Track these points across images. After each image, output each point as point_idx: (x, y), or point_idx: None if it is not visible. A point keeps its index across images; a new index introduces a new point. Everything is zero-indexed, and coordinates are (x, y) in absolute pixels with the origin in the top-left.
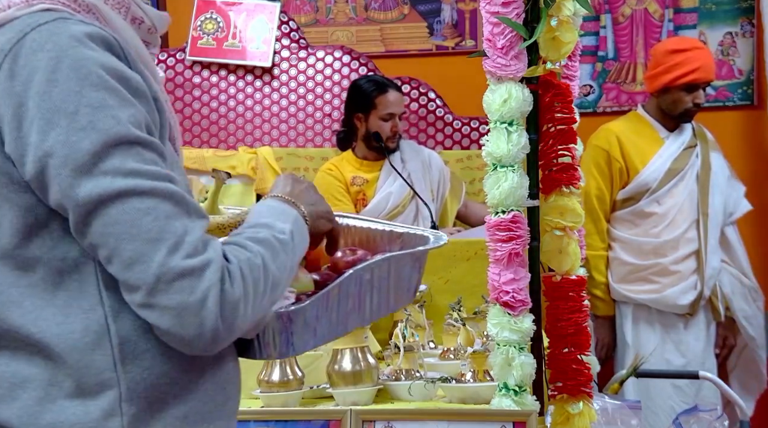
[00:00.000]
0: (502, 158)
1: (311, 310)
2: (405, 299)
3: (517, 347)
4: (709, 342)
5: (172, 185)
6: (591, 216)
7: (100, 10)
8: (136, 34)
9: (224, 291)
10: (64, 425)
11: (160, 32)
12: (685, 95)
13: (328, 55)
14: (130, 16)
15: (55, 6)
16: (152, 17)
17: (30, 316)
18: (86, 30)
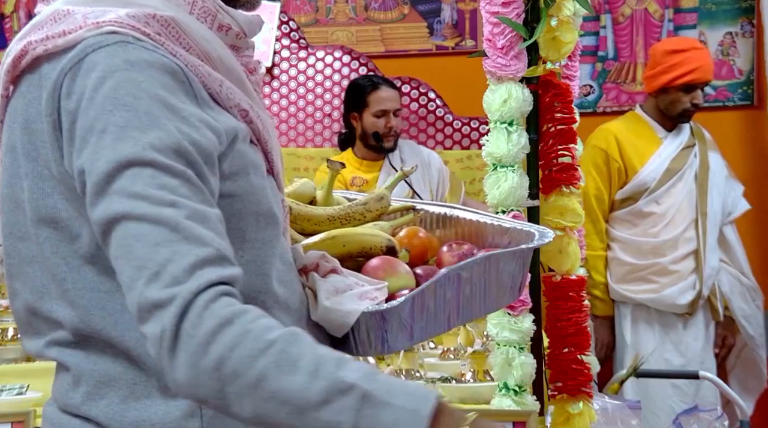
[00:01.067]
0: (502, 158)
1: (405, 309)
2: (508, 297)
3: (517, 347)
4: (708, 341)
5: (174, 210)
6: (590, 216)
7: (180, 23)
8: (221, 43)
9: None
10: (146, 423)
11: (251, 36)
12: (683, 95)
13: (328, 55)
14: (217, 24)
15: (122, 29)
16: (241, 22)
17: (110, 319)
18: (145, 56)
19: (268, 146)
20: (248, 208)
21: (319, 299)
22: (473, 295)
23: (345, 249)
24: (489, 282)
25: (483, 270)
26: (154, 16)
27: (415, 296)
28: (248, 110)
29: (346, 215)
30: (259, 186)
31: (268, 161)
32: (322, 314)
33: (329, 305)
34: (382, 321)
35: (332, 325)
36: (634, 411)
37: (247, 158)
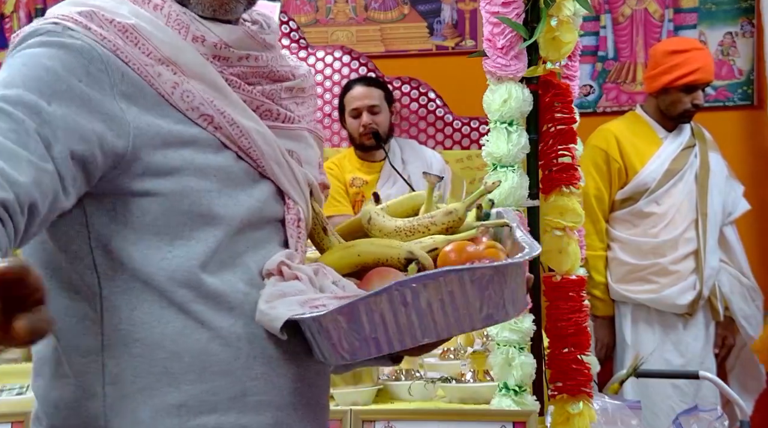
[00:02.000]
0: (502, 158)
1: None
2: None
3: (517, 347)
4: (708, 341)
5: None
6: (590, 217)
7: (140, 30)
8: (196, 52)
9: None
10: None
11: (239, 47)
12: (684, 96)
13: (328, 55)
14: (191, 35)
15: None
16: (218, 34)
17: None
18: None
19: (252, 152)
20: (177, 208)
21: (259, 301)
22: (436, 311)
23: (360, 259)
24: (457, 300)
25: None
26: (111, 21)
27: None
28: (213, 116)
29: (411, 228)
30: (198, 189)
31: (259, 167)
32: (258, 317)
33: (263, 309)
34: (321, 328)
35: (266, 327)
36: (634, 411)
37: (188, 161)
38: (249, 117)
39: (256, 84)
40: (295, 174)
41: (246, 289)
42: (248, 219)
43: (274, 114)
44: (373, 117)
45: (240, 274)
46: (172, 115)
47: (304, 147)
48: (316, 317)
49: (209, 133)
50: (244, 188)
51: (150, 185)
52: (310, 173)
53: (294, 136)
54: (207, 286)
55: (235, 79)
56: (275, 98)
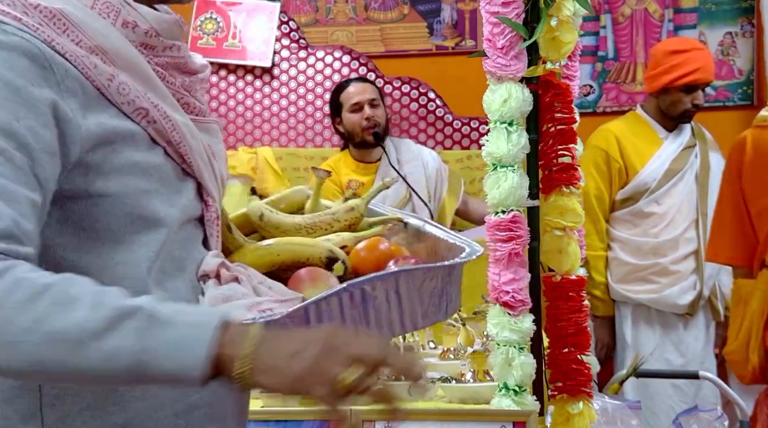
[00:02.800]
0: (502, 158)
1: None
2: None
3: (517, 347)
4: (709, 341)
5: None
6: (590, 216)
7: (68, 15)
8: (126, 40)
9: None
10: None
11: (167, 35)
12: (684, 96)
13: (328, 55)
14: (121, 20)
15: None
16: (150, 20)
17: None
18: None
19: (182, 148)
20: (121, 209)
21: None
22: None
23: (279, 258)
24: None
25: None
26: (36, 6)
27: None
28: (149, 109)
29: (312, 225)
30: (141, 189)
31: (186, 164)
32: None
33: None
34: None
35: None
36: (634, 411)
37: (127, 160)
38: (178, 111)
39: (177, 76)
40: (215, 170)
41: (189, 296)
42: (182, 220)
43: (191, 107)
44: (374, 110)
45: (181, 280)
46: (109, 110)
47: (216, 141)
48: (266, 322)
49: (142, 128)
50: (175, 187)
51: (92, 186)
52: (222, 167)
53: (208, 129)
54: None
55: (161, 70)
56: (191, 91)
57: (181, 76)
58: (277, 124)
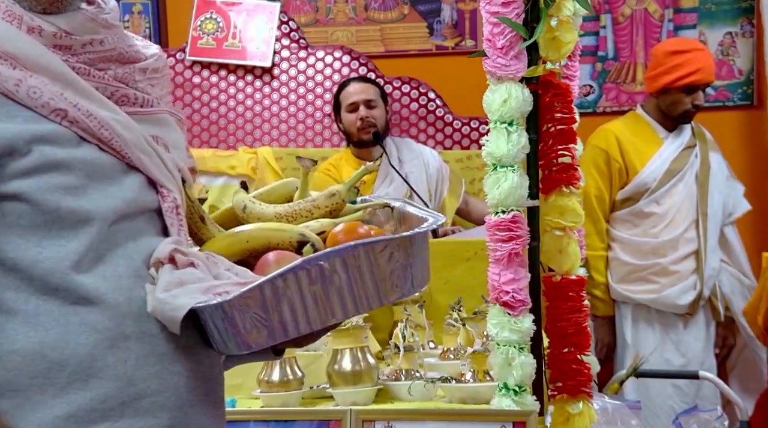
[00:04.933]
0: (502, 158)
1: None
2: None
3: (517, 347)
4: (709, 341)
5: None
6: (590, 216)
7: None
8: (36, 44)
9: None
10: None
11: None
12: (684, 97)
13: (328, 55)
14: (25, 26)
15: None
16: (56, 22)
17: None
18: None
19: (114, 143)
20: (45, 206)
21: (155, 291)
22: (347, 288)
23: (249, 245)
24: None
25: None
26: None
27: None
28: (67, 110)
29: (293, 213)
30: (62, 186)
31: (124, 158)
32: (154, 307)
33: (162, 298)
34: (225, 316)
35: (163, 318)
36: (634, 411)
37: (50, 158)
38: (105, 106)
39: (107, 69)
40: (164, 161)
41: (130, 283)
42: (123, 211)
43: (131, 99)
44: (370, 111)
45: (123, 268)
46: (21, 114)
47: (169, 131)
48: (221, 303)
49: (65, 127)
50: (113, 181)
51: (12, 187)
52: (179, 157)
53: (156, 120)
54: (86, 287)
55: (83, 67)
56: (129, 82)
57: (116, 68)
58: (277, 124)
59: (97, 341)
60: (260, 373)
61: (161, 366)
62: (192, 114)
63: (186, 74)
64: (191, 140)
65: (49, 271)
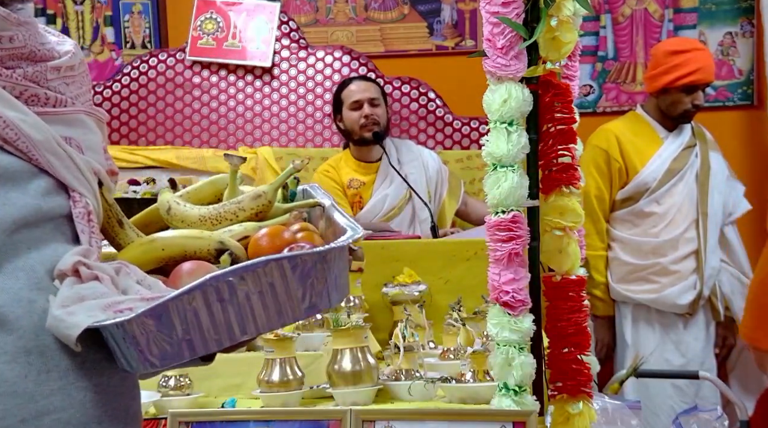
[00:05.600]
0: (502, 158)
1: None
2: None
3: (517, 347)
4: (709, 341)
5: None
6: (590, 216)
7: None
8: None
9: None
10: None
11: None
12: (684, 96)
13: (328, 55)
14: None
15: None
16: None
17: None
18: None
19: (20, 144)
20: None
21: (51, 307)
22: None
23: (165, 253)
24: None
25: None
26: None
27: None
28: None
29: (217, 215)
30: None
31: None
32: (50, 323)
33: (58, 315)
34: (126, 335)
35: (60, 336)
36: (634, 411)
37: None
38: (11, 106)
39: (16, 67)
40: (77, 163)
41: (32, 296)
42: (24, 219)
43: (41, 99)
44: (373, 109)
45: (24, 279)
46: None
47: (84, 132)
48: (120, 322)
49: None
50: (16, 185)
51: None
52: (95, 160)
53: (69, 121)
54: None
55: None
56: (40, 81)
57: (26, 67)
58: (277, 124)
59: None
60: (260, 373)
61: (65, 381)
62: (192, 114)
63: (186, 74)
64: (191, 139)
65: None
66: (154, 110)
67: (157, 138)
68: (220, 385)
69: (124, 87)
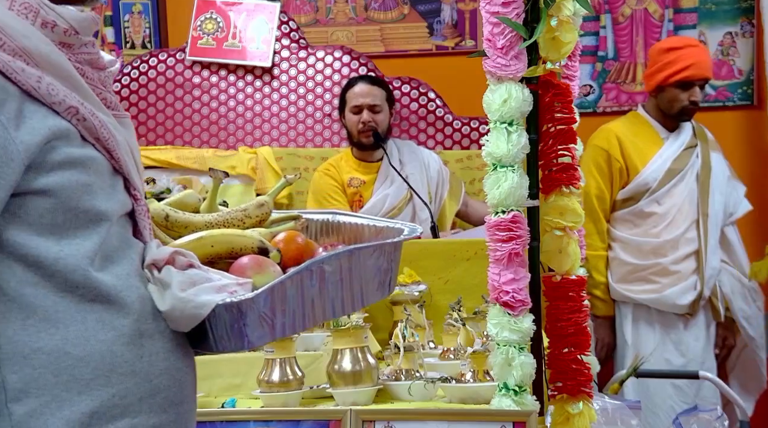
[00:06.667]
0: (502, 158)
1: (261, 301)
2: (377, 294)
3: (517, 347)
4: (709, 342)
5: None
6: (591, 216)
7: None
8: (47, 40)
9: None
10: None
11: (85, 33)
12: (680, 93)
13: (328, 55)
14: (40, 20)
15: None
16: (68, 19)
17: None
18: None
19: (109, 144)
20: (65, 204)
21: (171, 289)
22: (338, 290)
23: (213, 250)
24: (354, 277)
25: (348, 264)
26: None
27: (274, 287)
28: (78, 108)
29: (224, 222)
30: (80, 183)
31: (114, 160)
32: (174, 305)
33: (183, 296)
34: (239, 314)
35: (182, 316)
36: (634, 411)
37: (65, 156)
38: (100, 107)
39: (95, 71)
40: (138, 165)
41: (137, 282)
42: (119, 213)
43: (109, 102)
44: (373, 116)
45: (129, 267)
46: (41, 110)
47: (131, 135)
48: (239, 302)
49: (73, 125)
50: (110, 182)
51: (35, 183)
52: (139, 161)
53: (125, 124)
54: (105, 284)
55: (80, 67)
56: (107, 86)
57: (95, 72)
58: (277, 124)
59: (115, 337)
60: (260, 373)
61: (169, 362)
62: (192, 114)
63: (186, 74)
64: (191, 139)
65: (70, 269)
66: (154, 110)
67: (157, 138)
68: (220, 385)
69: (124, 87)
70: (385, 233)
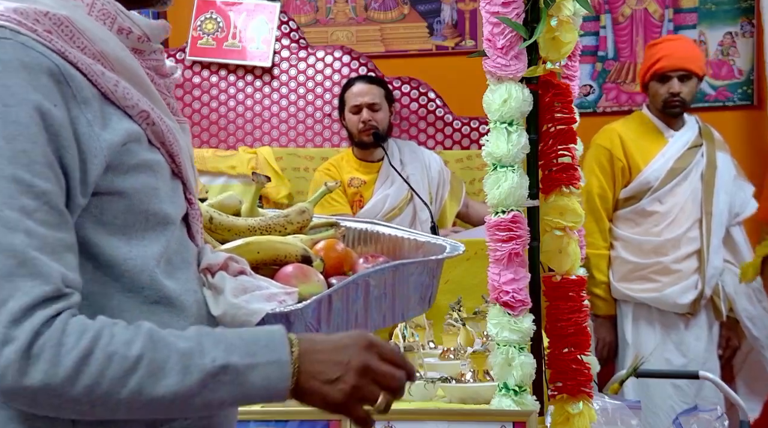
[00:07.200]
0: (502, 158)
1: (310, 312)
2: (418, 308)
3: (517, 347)
4: (711, 342)
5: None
6: (593, 215)
7: (74, 23)
8: (122, 45)
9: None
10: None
11: (155, 40)
12: (660, 87)
13: (328, 55)
14: (117, 26)
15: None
16: (142, 26)
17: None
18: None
19: (173, 149)
20: (137, 207)
21: (224, 295)
22: (381, 303)
23: (259, 256)
24: (397, 291)
25: (392, 279)
26: (46, 13)
27: (322, 299)
28: (149, 112)
29: (267, 226)
30: (150, 186)
31: (175, 164)
32: (226, 310)
33: (237, 303)
34: (287, 324)
35: (233, 322)
36: (634, 411)
37: (138, 159)
38: (167, 113)
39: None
40: (194, 170)
41: (195, 287)
42: (180, 216)
43: (172, 108)
44: (373, 114)
45: (189, 272)
46: (117, 113)
47: (189, 141)
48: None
49: (143, 129)
50: (172, 185)
51: (112, 184)
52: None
53: (184, 130)
54: (169, 288)
55: (149, 73)
56: (170, 92)
57: (161, 79)
58: (277, 124)
59: None
60: None
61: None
62: (192, 114)
63: (186, 74)
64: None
65: (138, 270)
66: None
67: None
68: None
69: None
70: (426, 248)
